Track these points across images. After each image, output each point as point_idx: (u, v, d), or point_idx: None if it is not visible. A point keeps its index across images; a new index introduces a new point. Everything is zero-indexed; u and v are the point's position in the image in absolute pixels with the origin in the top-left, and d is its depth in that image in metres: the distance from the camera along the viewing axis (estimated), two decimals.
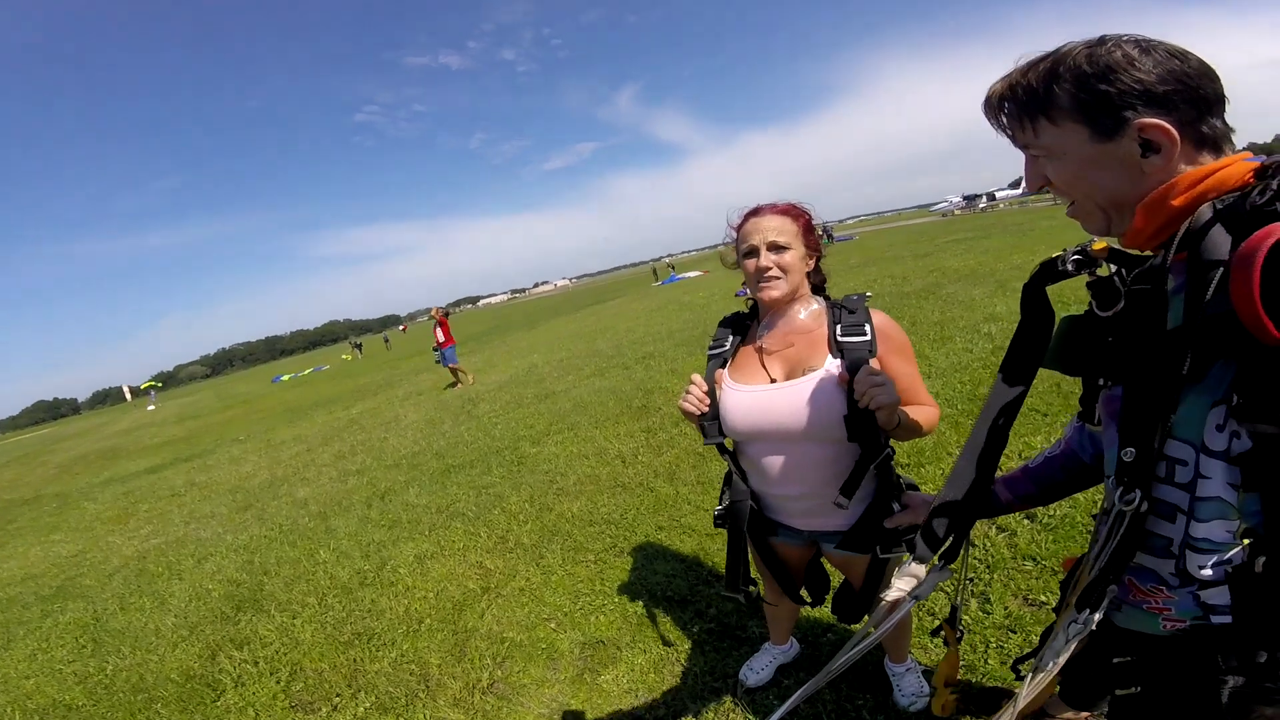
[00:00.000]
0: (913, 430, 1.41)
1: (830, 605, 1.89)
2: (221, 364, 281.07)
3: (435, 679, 2.66)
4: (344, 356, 39.92)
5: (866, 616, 1.78)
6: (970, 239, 16.46)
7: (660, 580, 2.95)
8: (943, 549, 1.09)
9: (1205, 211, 0.72)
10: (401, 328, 37.20)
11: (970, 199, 44.24)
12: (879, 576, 1.60)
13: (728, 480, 1.72)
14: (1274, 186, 0.67)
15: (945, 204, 46.99)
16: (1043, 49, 0.82)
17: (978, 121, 0.90)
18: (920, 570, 1.11)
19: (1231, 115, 0.77)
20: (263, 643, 3.31)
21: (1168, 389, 0.77)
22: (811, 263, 1.55)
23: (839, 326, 1.46)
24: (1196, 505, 0.79)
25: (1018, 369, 0.98)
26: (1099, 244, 0.90)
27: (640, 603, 2.81)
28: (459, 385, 11.17)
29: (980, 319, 6.55)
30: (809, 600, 1.95)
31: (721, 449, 1.64)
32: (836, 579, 2.04)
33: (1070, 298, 4.09)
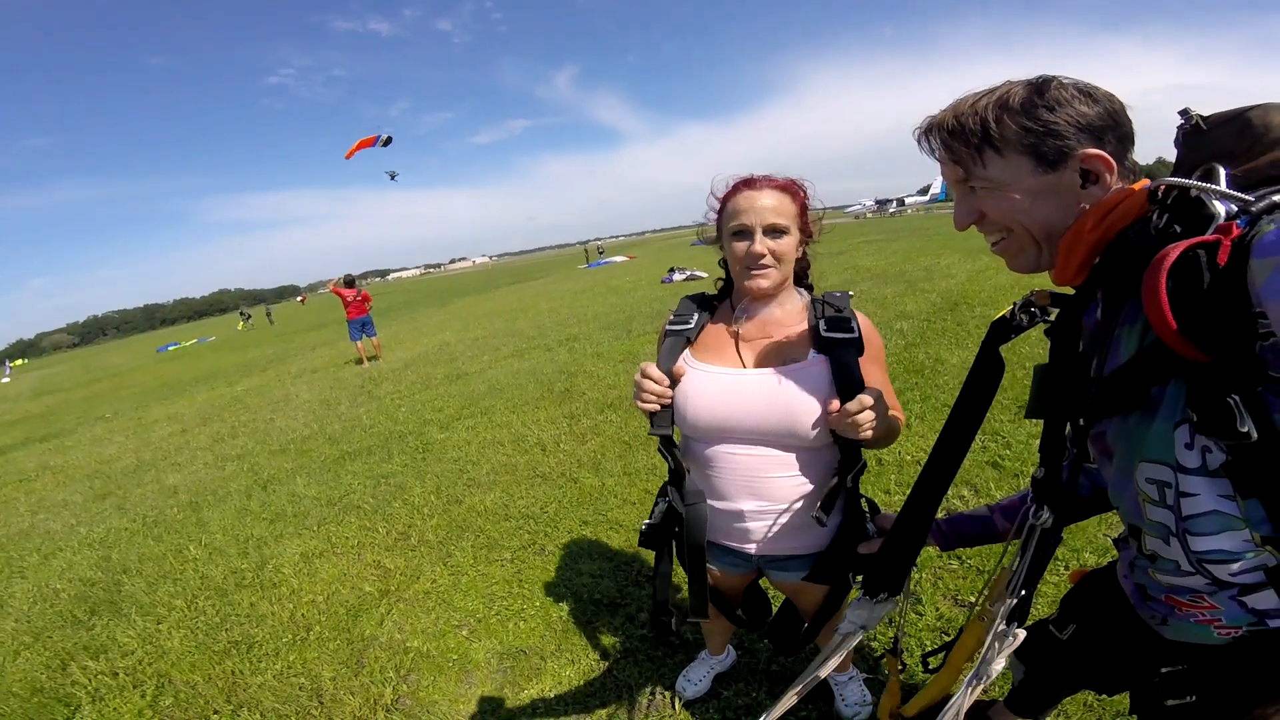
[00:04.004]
0: (883, 443, 1.29)
1: (767, 633, 1.71)
2: (92, 332, 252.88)
3: (329, 694, 2.34)
4: (238, 327, 37.04)
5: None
6: (881, 240, 17.35)
7: (586, 582, 2.74)
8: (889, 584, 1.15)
9: (1117, 242, 0.77)
10: (300, 299, 34.56)
11: (882, 203, 46.90)
12: (836, 605, 1.46)
13: (666, 492, 1.44)
14: (1169, 205, 0.73)
15: (858, 206, 49.48)
16: (980, 82, 0.86)
17: (893, 130, 0.91)
18: (868, 603, 1.16)
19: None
20: (123, 651, 2.89)
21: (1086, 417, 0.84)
22: (803, 248, 1.37)
23: (823, 321, 1.30)
24: (1189, 523, 0.79)
25: (966, 418, 1.03)
26: (1040, 292, 0.95)
27: (565, 607, 2.59)
28: (364, 362, 10.40)
29: (892, 316, 6.81)
30: (745, 622, 1.76)
31: (667, 443, 1.34)
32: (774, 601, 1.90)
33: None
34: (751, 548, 1.39)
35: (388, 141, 12.41)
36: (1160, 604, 0.93)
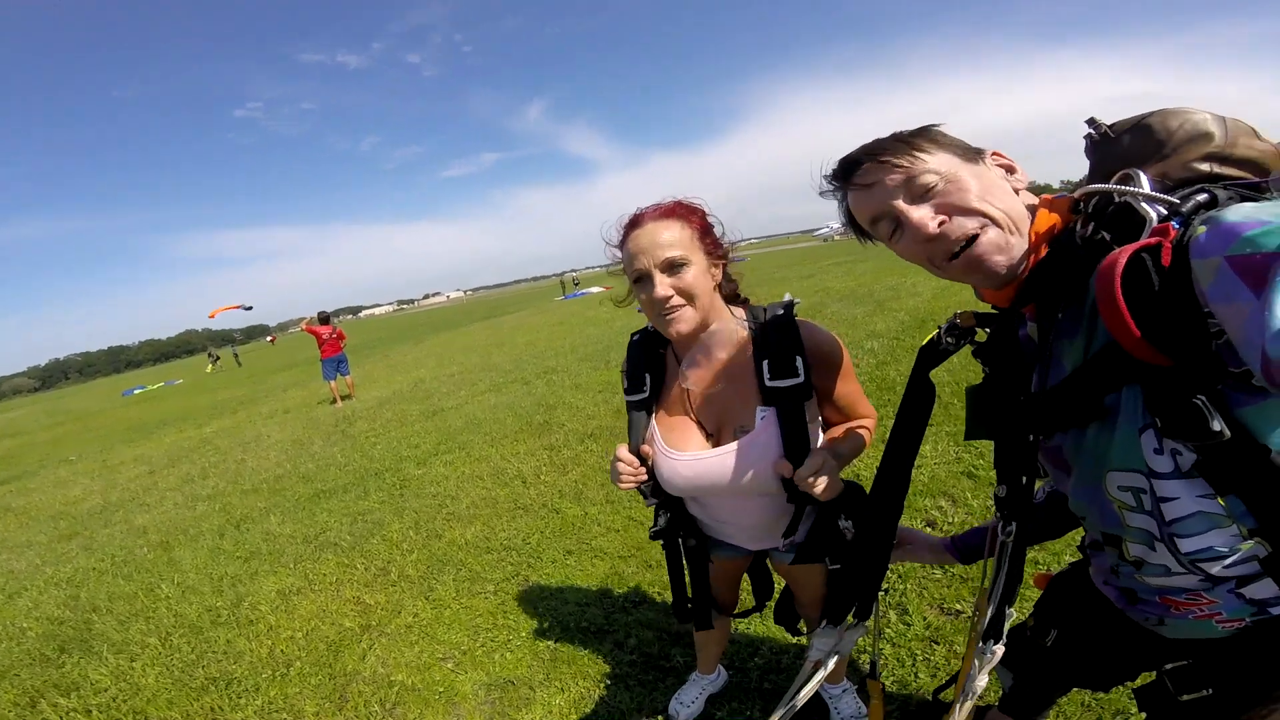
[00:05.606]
0: (852, 458, 1.34)
1: (773, 616, 1.80)
2: (55, 376, 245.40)
3: None
4: (206, 370, 36.40)
5: (804, 625, 1.75)
6: (849, 262, 17.68)
7: (572, 610, 2.70)
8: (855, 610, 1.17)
9: (1047, 255, 0.78)
10: (269, 339, 33.91)
11: None
12: (833, 583, 1.50)
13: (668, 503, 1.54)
14: (1091, 213, 0.75)
15: (826, 229, 50.61)
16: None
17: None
18: (834, 630, 1.17)
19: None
20: (95, 689, 2.84)
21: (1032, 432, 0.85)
22: (718, 272, 1.29)
23: (767, 365, 1.24)
24: (1175, 526, 0.77)
25: (902, 446, 1.04)
26: (965, 313, 0.95)
27: (552, 636, 2.55)
28: (338, 402, 10.20)
29: (862, 336, 6.94)
30: (751, 608, 1.83)
31: (669, 501, 1.48)
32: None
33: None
34: (749, 544, 1.52)
35: (249, 308, 16.28)
36: (1154, 605, 0.90)
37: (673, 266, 1.19)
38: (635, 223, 1.25)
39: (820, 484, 1.14)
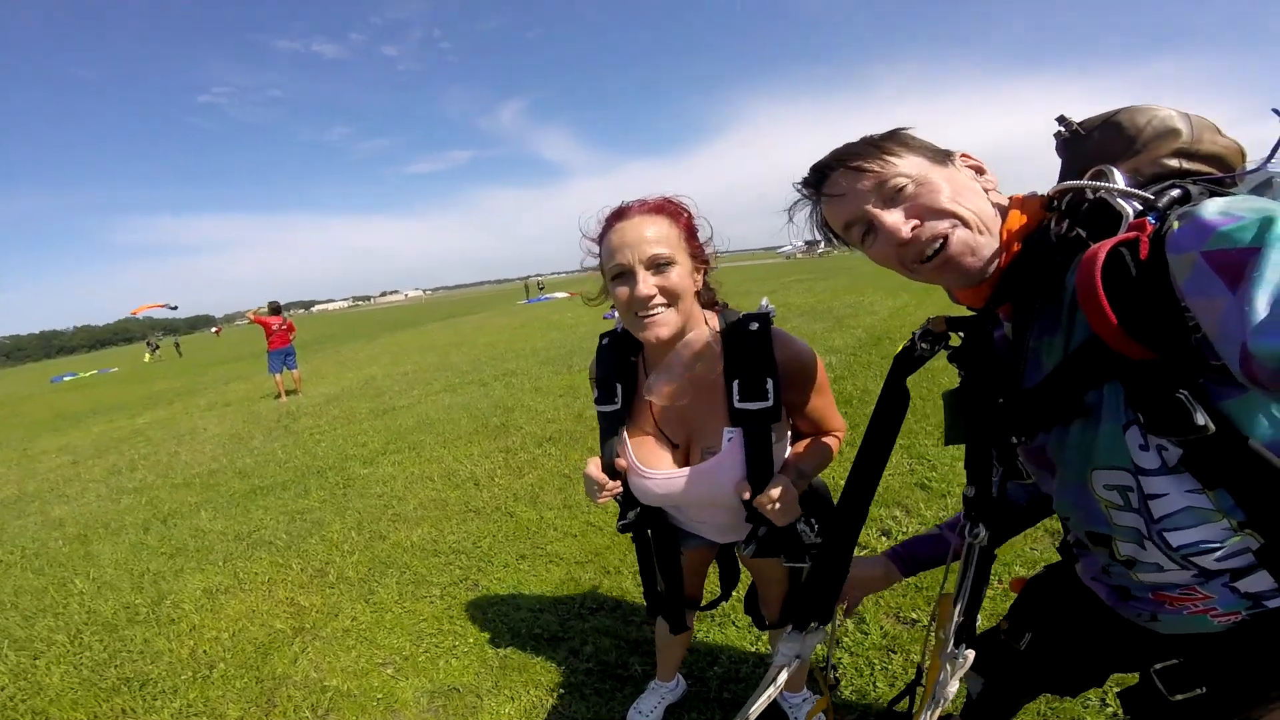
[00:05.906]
0: (818, 472, 1.34)
1: (743, 606, 1.81)
2: None
3: None
4: (145, 359, 34.62)
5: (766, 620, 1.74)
6: (810, 279, 18.14)
7: (525, 616, 2.59)
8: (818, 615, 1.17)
9: (1021, 255, 0.79)
10: (215, 330, 32.48)
11: (811, 244, 49.31)
12: (794, 582, 1.53)
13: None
14: (1064, 211, 0.76)
15: (789, 247, 51.71)
16: (911, 119, 0.89)
17: None
18: (798, 636, 1.17)
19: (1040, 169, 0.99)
20: None
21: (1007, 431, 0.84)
22: (700, 277, 1.22)
23: (737, 386, 1.19)
24: (1164, 522, 0.76)
25: (875, 451, 1.04)
26: (936, 319, 0.95)
27: (502, 643, 2.43)
28: (282, 397, 9.76)
29: (822, 351, 7.02)
30: (718, 598, 1.81)
31: (641, 511, 1.47)
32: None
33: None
34: (714, 538, 1.52)
35: (174, 308, 16.20)
36: (1147, 601, 0.89)
37: (658, 265, 1.12)
38: (620, 215, 1.17)
39: (775, 509, 1.15)
